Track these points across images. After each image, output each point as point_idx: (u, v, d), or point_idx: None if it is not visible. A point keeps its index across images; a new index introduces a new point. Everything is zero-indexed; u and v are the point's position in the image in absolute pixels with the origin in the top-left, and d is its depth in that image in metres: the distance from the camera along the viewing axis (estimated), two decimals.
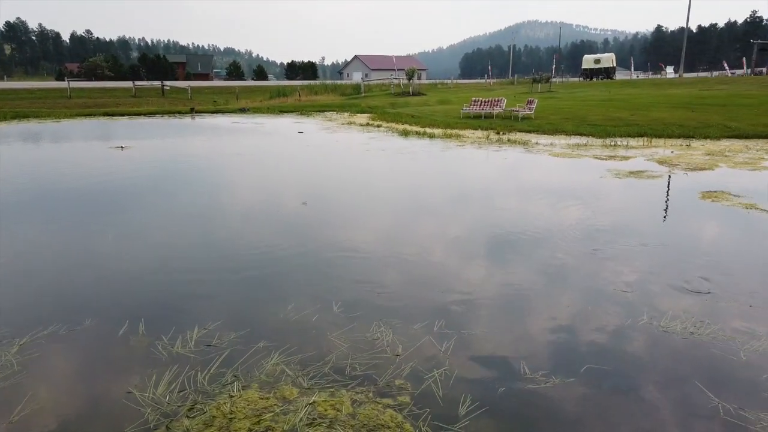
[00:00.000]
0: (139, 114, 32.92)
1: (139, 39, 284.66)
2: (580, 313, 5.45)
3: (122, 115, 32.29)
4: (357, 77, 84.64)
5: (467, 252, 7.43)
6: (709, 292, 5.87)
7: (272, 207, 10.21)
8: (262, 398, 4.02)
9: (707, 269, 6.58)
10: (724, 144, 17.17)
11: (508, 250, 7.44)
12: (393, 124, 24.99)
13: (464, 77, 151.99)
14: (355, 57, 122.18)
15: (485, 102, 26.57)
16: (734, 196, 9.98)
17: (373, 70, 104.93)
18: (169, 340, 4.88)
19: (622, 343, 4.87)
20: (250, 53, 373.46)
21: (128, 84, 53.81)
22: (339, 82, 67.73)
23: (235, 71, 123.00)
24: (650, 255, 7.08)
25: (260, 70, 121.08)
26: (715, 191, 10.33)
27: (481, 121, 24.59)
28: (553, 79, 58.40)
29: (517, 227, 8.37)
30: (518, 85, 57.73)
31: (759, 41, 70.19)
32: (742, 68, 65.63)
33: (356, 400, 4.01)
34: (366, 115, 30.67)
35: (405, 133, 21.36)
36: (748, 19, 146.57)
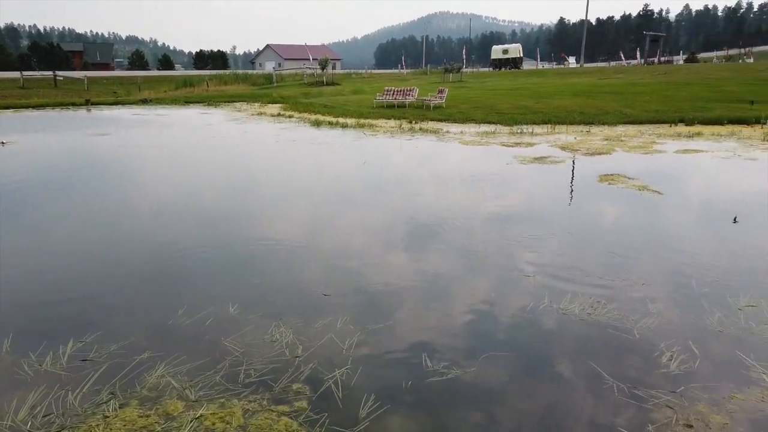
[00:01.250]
0: (27, 107, 30.31)
1: (30, 26, 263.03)
2: (483, 301, 5.42)
3: (7, 108, 29.59)
4: (269, 67, 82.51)
5: (376, 243, 7.26)
6: (605, 273, 6.04)
7: (169, 202, 9.58)
8: (141, 416, 3.64)
9: (604, 250, 6.79)
10: (621, 129, 18.10)
11: (417, 240, 7.35)
12: (305, 115, 24.49)
13: (379, 67, 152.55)
14: (268, 46, 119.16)
15: (398, 91, 26.61)
16: (629, 178, 10.46)
17: (286, 59, 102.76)
18: (37, 357, 4.35)
19: (523, 328, 4.87)
20: (155, 42, 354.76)
21: (16, 74, 49.37)
22: (250, 71, 65.74)
23: (138, 61, 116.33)
24: (552, 239, 7.22)
25: (166, 60, 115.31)
26: (612, 174, 10.78)
27: (394, 110, 24.59)
28: (465, 69, 59.68)
29: (427, 216, 8.31)
30: (431, 75, 58.52)
31: (650, 33, 75.22)
32: (636, 58, 70.00)
33: (248, 410, 3.72)
34: (278, 105, 29.89)
35: (317, 124, 20.96)
36: (641, 12, 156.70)
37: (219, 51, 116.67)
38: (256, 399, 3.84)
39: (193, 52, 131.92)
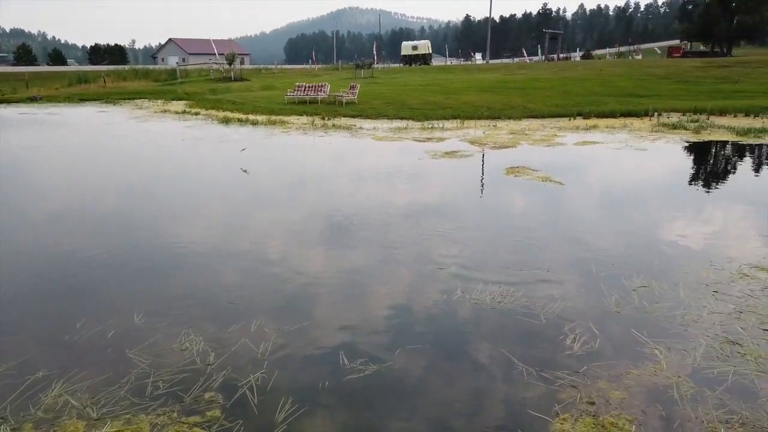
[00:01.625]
0: None
1: None
2: (399, 295, 5.48)
3: None
4: (172, 62, 78.98)
5: (290, 242, 7.15)
6: (514, 263, 6.29)
7: (65, 207, 8.94)
8: None
9: (512, 241, 7.07)
10: (525, 123, 18.93)
11: (332, 237, 7.30)
12: (213, 112, 23.69)
13: (290, 63, 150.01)
14: (170, 40, 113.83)
15: (309, 87, 26.34)
16: (533, 170, 10.95)
17: (190, 54, 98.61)
18: None
19: (437, 320, 4.97)
20: (44, 35, 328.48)
21: None
22: (152, 67, 62.71)
23: (24, 55, 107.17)
24: (463, 231, 7.42)
25: (57, 54, 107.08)
26: (518, 167, 11.25)
27: (306, 106, 24.32)
28: (376, 65, 60.06)
29: (342, 212, 8.28)
30: (342, 70, 58.41)
31: (550, 31, 79.21)
32: (538, 55, 73.48)
33: (157, 424, 3.54)
34: (183, 102, 28.69)
35: (226, 121, 20.33)
36: (540, 11, 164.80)
37: (116, 45, 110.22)
38: (166, 412, 3.66)
39: (88, 46, 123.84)
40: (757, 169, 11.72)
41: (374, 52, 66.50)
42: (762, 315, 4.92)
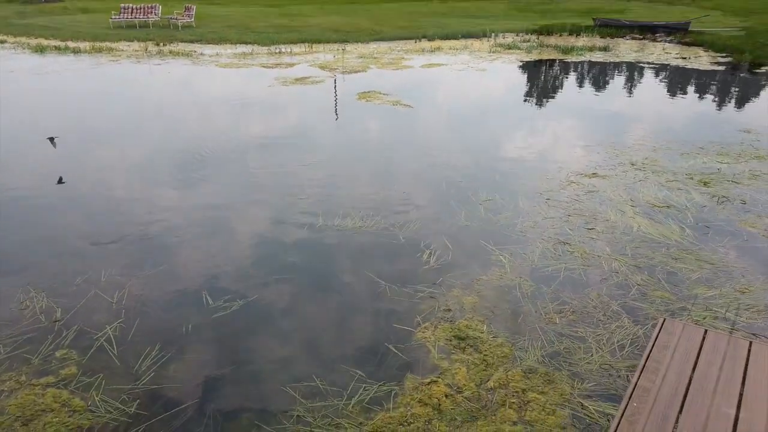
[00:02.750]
0: None
1: None
2: (261, 228, 5.40)
3: None
4: None
5: (140, 181, 6.62)
6: (371, 187, 6.45)
7: None
8: None
9: (368, 165, 7.22)
10: (373, 47, 18.90)
11: (185, 173, 6.89)
12: (23, 39, 20.50)
13: None
14: None
15: (138, 9, 23.70)
16: (384, 94, 11.10)
17: None
18: None
19: (302, 249, 5.00)
20: None
21: None
22: None
23: None
24: (319, 159, 7.41)
25: None
26: (369, 92, 11.32)
27: (136, 31, 21.95)
28: None
29: (193, 146, 7.81)
30: None
31: None
32: None
33: (3, 390, 3.23)
34: None
35: (41, 50, 17.76)
36: None
37: None
38: (12, 377, 3.36)
39: None
40: (580, 84, 12.96)
41: None
42: (586, 216, 5.61)
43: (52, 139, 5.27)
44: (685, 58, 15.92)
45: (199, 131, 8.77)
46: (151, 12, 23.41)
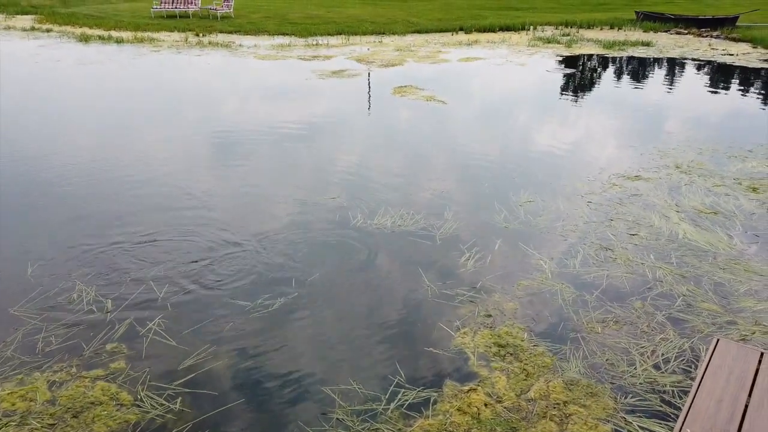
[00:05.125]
0: None
1: None
2: (298, 222, 5.44)
3: None
4: None
5: (185, 168, 6.74)
6: (409, 185, 6.44)
7: None
8: None
9: (405, 163, 7.20)
10: (410, 39, 18.80)
11: (223, 160, 6.99)
12: (68, 28, 21.04)
13: None
14: None
15: (178, 0, 24.08)
16: (419, 89, 11.04)
17: None
18: None
19: (338, 247, 5.02)
20: None
21: None
22: None
23: None
24: (357, 153, 7.43)
25: None
26: (405, 86, 11.27)
27: (176, 21, 22.30)
28: None
29: (230, 137, 7.92)
30: None
31: None
32: None
33: (55, 382, 3.35)
34: (30, 16, 25.12)
35: (85, 39, 18.19)
36: None
37: None
38: (63, 368, 3.47)
39: None
40: (621, 80, 12.64)
41: None
42: (629, 221, 5.50)
43: None
44: (732, 54, 15.41)
45: (237, 122, 8.86)
46: (192, 2, 23.71)
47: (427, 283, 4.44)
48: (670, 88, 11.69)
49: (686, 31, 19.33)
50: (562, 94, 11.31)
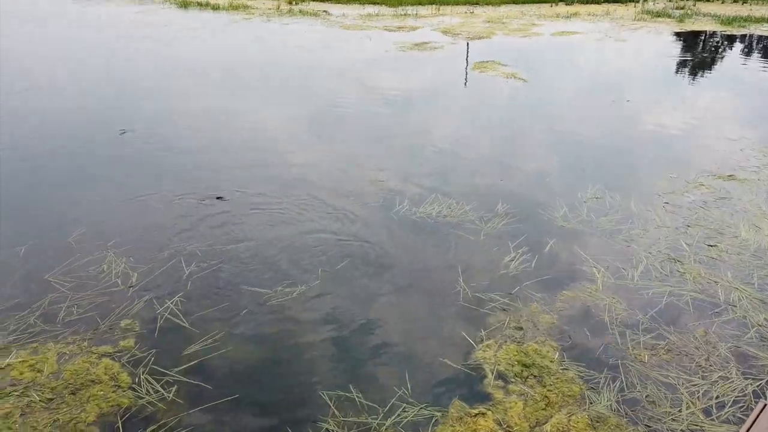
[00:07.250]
0: None
1: None
2: (335, 208, 5.22)
3: None
4: None
5: (281, 137, 6.74)
6: (464, 172, 6.02)
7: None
8: None
9: (463, 148, 6.76)
10: (504, 10, 17.85)
11: (299, 135, 6.91)
12: None
13: None
14: None
15: None
16: (502, 65, 10.37)
17: None
18: None
19: (386, 231, 4.76)
20: None
21: None
22: None
23: None
24: (419, 141, 7.07)
25: None
26: (487, 62, 10.64)
27: None
28: None
29: (300, 109, 7.83)
30: None
31: None
32: None
33: (64, 354, 3.38)
34: None
35: (184, 5, 18.87)
36: None
37: None
38: (76, 340, 3.50)
39: None
40: (738, 63, 11.22)
41: None
42: (710, 229, 4.79)
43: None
44: None
45: (308, 93, 8.74)
46: None
47: (461, 283, 4.08)
48: None
49: None
50: (662, 76, 10.20)
